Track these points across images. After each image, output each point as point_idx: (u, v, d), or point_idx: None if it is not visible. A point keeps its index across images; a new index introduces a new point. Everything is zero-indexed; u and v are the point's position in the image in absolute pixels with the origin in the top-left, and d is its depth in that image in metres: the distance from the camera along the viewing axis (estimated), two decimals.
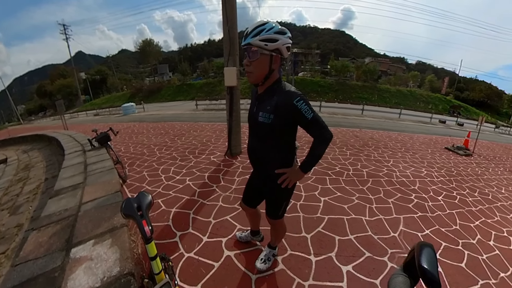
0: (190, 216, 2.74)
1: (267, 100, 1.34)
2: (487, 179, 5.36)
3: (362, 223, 2.78)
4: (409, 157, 6.03)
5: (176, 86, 37.60)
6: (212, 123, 9.89)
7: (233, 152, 4.85)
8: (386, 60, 68.69)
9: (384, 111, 19.98)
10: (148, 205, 1.12)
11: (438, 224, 2.96)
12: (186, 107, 20.79)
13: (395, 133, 10.32)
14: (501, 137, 18.29)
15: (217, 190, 3.42)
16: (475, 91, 45.77)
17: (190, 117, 13.73)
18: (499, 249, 2.67)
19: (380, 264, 2.17)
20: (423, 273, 0.51)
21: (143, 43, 46.86)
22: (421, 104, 32.69)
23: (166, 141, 6.51)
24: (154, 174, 4.00)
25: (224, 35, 4.25)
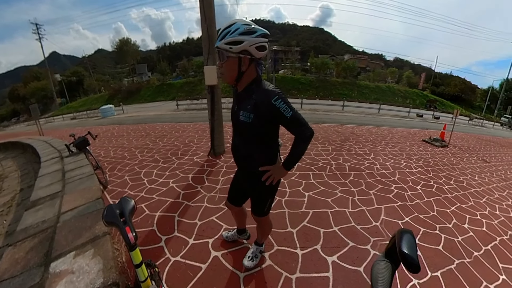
0: (175, 219, 2.72)
1: (246, 99, 1.36)
2: (461, 168, 5.79)
3: (345, 215, 2.91)
4: (389, 150, 6.36)
5: (155, 86, 36.86)
6: (194, 123, 9.83)
7: (217, 151, 4.85)
8: (365, 57, 71.32)
9: (364, 107, 20.82)
10: (131, 210, 1.10)
11: (417, 212, 3.17)
12: (167, 108, 20.41)
13: (375, 127, 10.80)
14: (474, 129, 19.85)
15: (201, 191, 3.41)
16: (450, 86, 48.83)
17: (171, 117, 13.51)
18: (473, 231, 2.92)
19: (363, 253, 2.30)
20: (404, 258, 0.55)
21: (120, 42, 45.35)
22: (399, 99, 34.39)
23: (147, 144, 6.38)
24: (136, 178, 3.92)
25: (203, 33, 4.24)
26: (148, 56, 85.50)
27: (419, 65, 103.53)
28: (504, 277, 2.23)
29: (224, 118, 4.84)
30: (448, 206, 3.47)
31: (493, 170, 6.38)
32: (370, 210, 3.07)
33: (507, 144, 13.27)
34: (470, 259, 2.40)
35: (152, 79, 44.51)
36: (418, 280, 2.02)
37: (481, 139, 12.67)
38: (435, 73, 56.56)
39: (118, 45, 45.29)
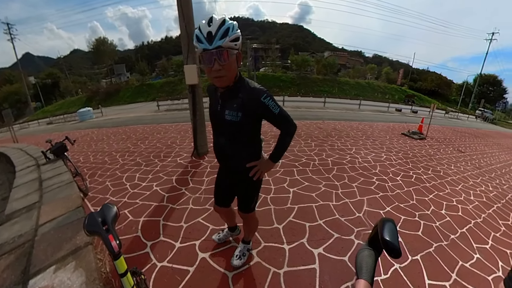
0: (160, 223, 2.69)
1: (232, 98, 1.37)
2: (438, 158, 6.18)
3: (329, 208, 3.04)
4: (370, 144, 6.65)
5: (135, 87, 35.91)
6: (176, 123, 9.74)
7: (200, 152, 4.84)
8: (345, 54, 73.52)
9: (345, 103, 21.45)
10: (113, 217, 1.08)
11: (398, 201, 3.37)
12: (148, 109, 19.94)
13: (356, 122, 11.22)
14: (450, 121, 21.14)
15: (186, 192, 3.40)
16: (427, 81, 51.51)
17: (153, 119, 13.24)
18: (450, 216, 3.17)
19: (348, 243, 2.42)
20: (386, 245, 0.60)
21: (96, 42, 44.04)
22: (379, 94, 35.82)
23: (128, 147, 6.22)
24: (118, 183, 3.83)
25: (182, 32, 4.22)
26: (126, 56, 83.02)
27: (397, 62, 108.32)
28: (478, 256, 2.46)
29: (206, 117, 4.80)
30: (426, 195, 3.72)
31: (468, 159, 6.88)
32: (353, 202, 3.22)
33: (480, 135, 14.31)
34: (447, 241, 2.61)
35: (131, 79, 43.38)
36: (400, 264, 2.17)
37: (457, 131, 13.57)
38: (413, 69, 59.51)
39: (94, 45, 44.10)
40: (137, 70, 46.47)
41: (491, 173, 5.96)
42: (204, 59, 1.23)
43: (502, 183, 5.25)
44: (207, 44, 1.18)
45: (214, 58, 1.21)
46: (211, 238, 2.35)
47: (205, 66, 1.26)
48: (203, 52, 1.21)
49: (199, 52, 1.24)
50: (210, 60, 1.22)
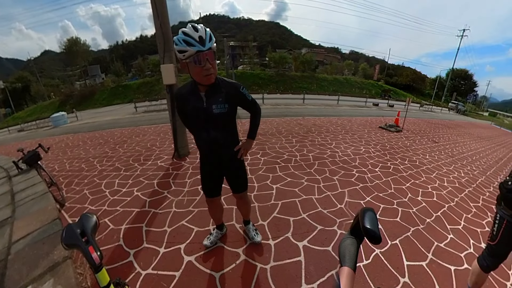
0: (143, 229, 2.64)
1: (216, 93, 1.59)
2: (414, 149, 6.58)
3: (312, 202, 3.16)
4: (349, 138, 6.94)
5: (110, 88, 34.70)
6: (155, 125, 9.59)
7: (181, 153, 4.80)
8: (322, 51, 75.07)
9: (324, 99, 22.17)
10: (93, 227, 1.05)
11: (377, 191, 3.58)
12: (125, 111, 19.31)
13: (335, 117, 11.62)
14: (424, 114, 22.42)
15: (168, 196, 3.37)
16: (402, 76, 53.99)
17: (130, 121, 12.85)
18: (425, 202, 3.42)
19: (331, 233, 2.54)
20: (367, 232, 0.64)
21: (68, 42, 41.95)
22: (357, 90, 37.11)
23: (106, 152, 6.02)
24: (96, 191, 3.70)
25: (157, 31, 4.16)
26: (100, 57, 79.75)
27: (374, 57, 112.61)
28: (451, 236, 2.71)
29: None
30: (403, 183, 3.97)
31: (442, 148, 7.40)
32: (334, 195, 3.37)
33: (453, 125, 15.35)
34: (424, 225, 2.84)
35: (106, 81, 42.01)
36: (380, 249, 2.33)
37: (431, 123, 14.45)
38: (388, 65, 62.14)
39: (66, 45, 42.15)
40: (113, 71, 45.03)
41: (463, 160, 6.47)
42: (197, 60, 1.39)
43: (473, 169, 5.72)
44: (201, 46, 1.37)
45: (206, 58, 1.41)
46: (202, 243, 2.33)
47: (196, 67, 1.42)
48: (196, 54, 1.37)
49: (190, 55, 1.38)
50: (202, 61, 1.40)
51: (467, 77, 55.70)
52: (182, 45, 1.37)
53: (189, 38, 1.36)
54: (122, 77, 42.46)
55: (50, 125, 18.40)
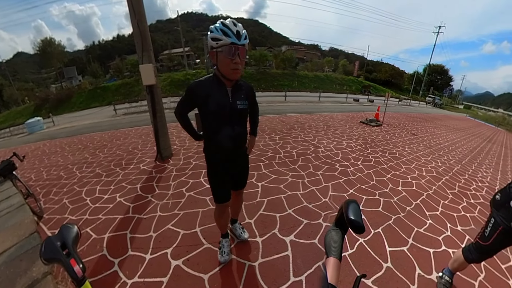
0: (127, 236, 2.58)
1: (239, 90, 1.69)
2: (394, 142, 6.89)
3: (297, 197, 3.25)
4: (331, 134, 7.15)
5: (88, 91, 33.46)
6: (136, 127, 9.37)
7: (164, 155, 4.74)
8: (302, 48, 76.40)
9: (305, 96, 22.64)
10: (74, 239, 1.01)
11: (359, 183, 3.74)
12: (104, 114, 18.68)
13: (317, 114, 11.88)
14: (403, 108, 23.44)
15: (153, 200, 3.32)
16: (381, 72, 55.97)
17: (110, 124, 12.44)
18: (405, 191, 3.63)
19: (316, 227, 2.64)
20: (351, 223, 0.68)
21: (42, 43, 40.29)
22: (337, 86, 38.13)
23: (86, 157, 5.80)
24: (77, 200, 3.57)
25: (134, 29, 4.08)
26: (76, 58, 76.58)
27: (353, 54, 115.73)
28: (430, 221, 2.92)
29: (168, 119, 4.76)
30: (384, 175, 4.18)
31: (420, 140, 7.79)
32: (319, 189, 3.48)
33: (430, 118, 16.15)
34: (404, 213, 3.03)
35: (83, 83, 40.30)
36: (364, 238, 2.45)
37: (409, 116, 15.14)
38: (368, 61, 64.24)
39: (40, 46, 40.56)
40: (90, 73, 43.98)
41: (440, 151, 6.85)
42: (229, 51, 1.43)
43: (449, 159, 6.08)
44: (236, 40, 1.42)
45: (238, 52, 1.45)
46: (220, 261, 2.16)
47: (226, 58, 1.45)
48: (230, 45, 1.42)
49: (224, 44, 1.42)
50: (234, 53, 1.44)
51: (443, 72, 58.97)
52: (218, 33, 1.41)
53: (227, 29, 1.41)
54: (100, 78, 41.54)
55: (25, 131, 17.45)
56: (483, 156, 7.74)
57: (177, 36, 67.15)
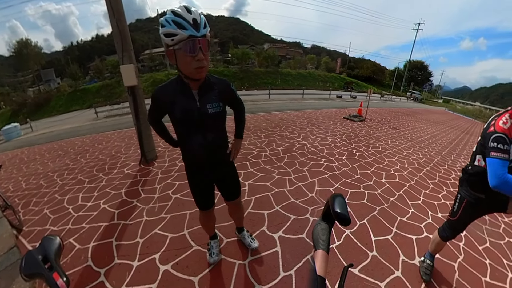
0: (113, 244, 2.52)
1: (208, 91, 1.44)
2: (377, 136, 7.14)
3: (284, 194, 3.32)
4: (316, 130, 7.31)
5: (68, 94, 32.35)
6: (119, 130, 9.18)
7: (148, 158, 4.67)
8: (284, 45, 76.89)
9: (289, 93, 22.85)
10: (57, 251, 0.95)
11: (344, 178, 3.88)
12: (85, 117, 18.08)
13: (301, 111, 12.07)
14: (385, 103, 24.17)
15: (138, 204, 3.27)
16: (363, 69, 57.61)
17: (92, 128, 12.07)
18: (389, 183, 3.81)
19: (304, 222, 2.72)
20: (337, 216, 0.70)
21: (18, 45, 38.90)
22: (320, 83, 38.84)
23: (67, 164, 5.60)
24: (58, 209, 3.44)
25: (113, 29, 4.00)
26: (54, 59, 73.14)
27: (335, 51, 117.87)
28: (412, 210, 3.09)
29: None
30: (368, 168, 4.35)
31: (401, 134, 8.11)
32: (305, 185, 3.57)
33: (411, 113, 16.78)
34: (388, 204, 3.18)
35: (62, 85, 38.72)
36: (350, 230, 2.56)
37: (391, 111, 15.64)
38: (350, 58, 65.83)
39: (16, 48, 39.32)
40: (69, 75, 42.03)
41: (421, 143, 7.17)
42: (188, 47, 1.20)
43: (430, 151, 6.37)
44: (194, 31, 1.18)
45: (199, 46, 1.21)
46: (208, 262, 2.16)
47: (187, 56, 1.23)
48: (188, 39, 1.18)
49: (180, 40, 1.19)
50: (195, 49, 1.21)
51: (423, 68, 61.24)
52: (171, 26, 1.17)
53: (180, 19, 1.17)
54: (80, 80, 39.98)
55: (1, 139, 16.61)
56: (462, 147, 8.14)
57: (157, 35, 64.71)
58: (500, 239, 2.80)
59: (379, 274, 2.07)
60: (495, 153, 1.43)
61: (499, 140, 1.43)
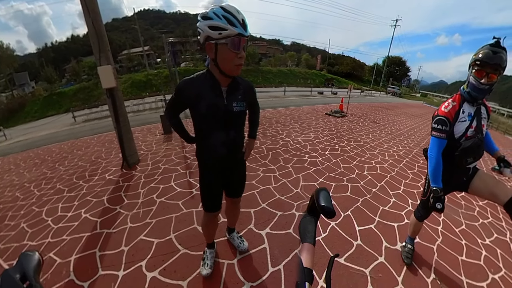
0: (97, 255, 2.43)
1: (236, 90, 1.49)
2: (358, 130, 7.38)
3: (270, 191, 3.38)
4: (299, 127, 7.47)
5: (43, 98, 30.85)
6: (98, 135, 8.92)
7: (130, 162, 4.57)
8: (264, 43, 77.25)
9: (271, 91, 23.20)
10: (36, 267, 0.83)
11: (328, 172, 4.01)
12: (62, 122, 17.37)
13: (283, 108, 12.27)
14: (365, 99, 24.94)
15: (122, 211, 3.17)
16: (343, 65, 58.85)
17: (70, 133, 11.61)
18: (371, 175, 3.98)
19: (290, 217, 2.79)
20: (322, 209, 0.73)
21: None
22: (301, 80, 39.38)
23: (44, 173, 5.35)
24: (36, 222, 3.26)
25: (89, 29, 3.89)
26: (28, 62, 69.46)
27: (315, 48, 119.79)
28: (393, 200, 3.27)
29: (132, 123, 4.62)
30: (351, 162, 4.52)
31: (382, 128, 8.43)
32: (290, 181, 3.66)
33: (390, 107, 17.41)
34: (370, 195, 3.34)
35: (37, 89, 36.93)
36: (335, 222, 2.67)
37: (372, 106, 16.17)
38: (329, 54, 67.11)
39: None
40: (44, 78, 40.26)
41: (401, 136, 7.49)
42: (235, 43, 1.25)
43: (409, 143, 6.67)
44: (243, 30, 1.24)
45: (243, 45, 1.29)
46: (202, 274, 2.09)
47: (231, 52, 1.27)
48: (236, 36, 1.23)
49: (229, 35, 1.22)
50: (240, 46, 1.27)
51: (401, 64, 63.52)
52: (221, 21, 1.20)
53: (231, 16, 1.21)
54: (56, 83, 38.27)
55: None
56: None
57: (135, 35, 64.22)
58: (474, 221, 3.03)
59: (364, 261, 2.18)
60: (434, 132, 1.73)
61: (438, 122, 1.71)
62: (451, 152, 1.73)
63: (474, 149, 1.65)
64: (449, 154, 1.74)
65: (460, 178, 1.86)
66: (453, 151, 1.72)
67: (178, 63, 40.36)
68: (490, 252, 2.51)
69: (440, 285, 2.05)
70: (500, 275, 2.25)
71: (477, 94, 1.59)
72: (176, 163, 4.41)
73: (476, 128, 1.67)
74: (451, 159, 1.74)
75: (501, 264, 2.38)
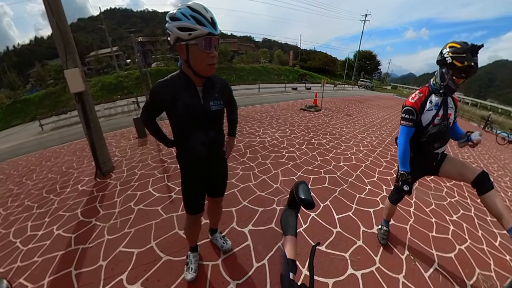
0: (73, 274, 2.27)
1: (212, 89, 1.51)
2: (333, 124, 7.66)
3: (250, 188, 3.45)
4: (275, 123, 7.61)
5: (6, 106, 28.64)
6: (69, 143, 8.41)
7: (104, 170, 4.39)
8: (235, 40, 77.20)
9: (245, 89, 23.22)
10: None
11: (306, 166, 4.16)
12: (28, 132, 16.13)
13: (259, 105, 12.38)
14: (338, 93, 25.77)
15: (97, 223, 3.01)
16: (315, 60, 60.27)
17: (37, 143, 10.83)
18: (347, 166, 4.19)
19: (271, 212, 2.87)
20: (302, 202, 0.76)
21: None
22: (275, 77, 39.88)
23: (10, 189, 4.92)
24: (3, 246, 2.96)
25: (53, 30, 3.70)
26: None
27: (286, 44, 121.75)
28: (369, 187, 3.49)
29: (104, 128, 4.46)
30: (327, 154, 4.72)
31: (355, 120, 8.80)
32: (269, 177, 3.75)
33: (363, 100, 18.15)
34: (347, 184, 3.53)
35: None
36: (315, 213, 2.80)
37: (345, 100, 16.76)
38: (301, 50, 68.68)
39: None
40: (6, 84, 37.99)
41: (373, 127, 7.88)
42: (206, 43, 1.26)
43: (381, 133, 7.04)
44: (213, 29, 1.24)
45: (215, 44, 1.31)
46: (186, 279, 2.06)
47: (202, 52, 1.29)
48: (206, 36, 1.24)
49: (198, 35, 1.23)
50: (212, 46, 1.29)
51: (371, 58, 66.35)
52: (190, 21, 1.20)
53: (199, 15, 1.22)
54: (19, 90, 36.31)
55: None
56: None
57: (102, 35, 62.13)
58: (443, 200, 3.34)
59: (344, 246, 2.33)
60: (403, 121, 1.94)
61: (406, 112, 1.91)
62: (420, 138, 1.90)
63: (440, 135, 1.82)
64: (418, 141, 1.91)
65: (431, 163, 2.04)
66: (422, 137, 1.88)
67: (149, 63, 39.20)
68: (457, 227, 2.80)
69: (413, 259, 2.26)
70: (466, 245, 2.53)
71: (450, 92, 1.78)
72: (152, 168, 4.34)
73: (443, 116, 1.83)
74: (421, 145, 1.91)
75: (466, 236, 2.67)
